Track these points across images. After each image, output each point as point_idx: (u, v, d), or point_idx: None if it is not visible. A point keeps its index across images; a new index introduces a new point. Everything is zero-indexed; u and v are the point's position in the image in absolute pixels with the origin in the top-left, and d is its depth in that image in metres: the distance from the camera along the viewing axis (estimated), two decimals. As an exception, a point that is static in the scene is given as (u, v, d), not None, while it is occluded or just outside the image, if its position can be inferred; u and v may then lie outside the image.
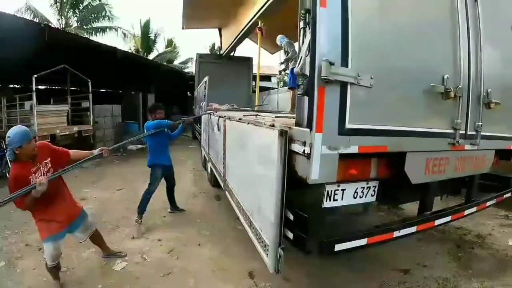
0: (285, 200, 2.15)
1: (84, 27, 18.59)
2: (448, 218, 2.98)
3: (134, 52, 22.52)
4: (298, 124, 2.14)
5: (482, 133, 2.81)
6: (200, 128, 8.79)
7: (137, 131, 13.37)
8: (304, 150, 1.99)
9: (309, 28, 1.96)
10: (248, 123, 3.00)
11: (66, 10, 17.98)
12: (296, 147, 2.09)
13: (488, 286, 3.27)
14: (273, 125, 2.38)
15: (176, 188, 5.29)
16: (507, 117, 3.22)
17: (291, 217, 2.23)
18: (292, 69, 6.47)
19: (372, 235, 2.39)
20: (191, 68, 26.38)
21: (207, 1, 8.22)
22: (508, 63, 3.17)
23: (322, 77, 1.84)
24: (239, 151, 3.35)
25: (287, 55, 6.36)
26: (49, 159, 2.95)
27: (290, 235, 2.25)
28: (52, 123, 8.80)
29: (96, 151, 3.34)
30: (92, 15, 18.62)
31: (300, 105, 2.12)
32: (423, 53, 2.40)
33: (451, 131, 2.61)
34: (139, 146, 11.51)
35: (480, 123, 2.78)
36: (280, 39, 6.33)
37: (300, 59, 1.96)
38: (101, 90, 15.37)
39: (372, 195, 2.56)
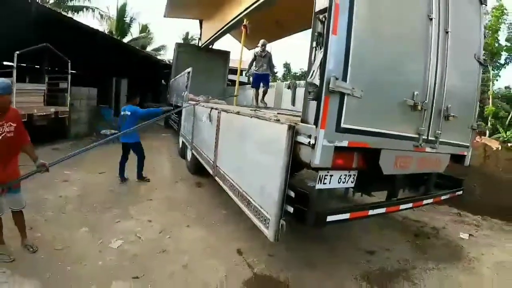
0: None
1: (61, 4, 17.86)
2: (410, 205, 3.69)
3: (108, 34, 21.50)
4: (304, 121, 2.72)
5: (440, 140, 3.52)
6: (176, 117, 8.88)
7: (110, 117, 12.71)
8: (309, 142, 2.57)
9: (320, 49, 2.54)
10: (251, 117, 3.51)
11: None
12: (301, 139, 2.67)
13: (441, 267, 3.75)
14: (278, 120, 2.95)
15: (156, 175, 5.86)
16: (461, 128, 3.96)
17: (292, 194, 2.77)
18: (256, 73, 7.71)
19: (353, 211, 3.04)
20: (163, 56, 26.07)
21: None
22: (466, 85, 3.91)
23: (330, 88, 2.45)
24: (238, 141, 3.82)
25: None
26: (15, 125, 2.97)
27: (291, 209, 2.76)
28: (29, 103, 8.15)
29: (37, 163, 3.10)
30: (70, -8, 17.69)
31: (306, 107, 2.70)
32: (401, 74, 3.08)
33: (416, 135, 3.29)
34: (113, 131, 10.20)
35: (439, 132, 3.48)
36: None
37: (312, 72, 2.54)
38: (76, 72, 14.37)
39: (352, 182, 3.19)
